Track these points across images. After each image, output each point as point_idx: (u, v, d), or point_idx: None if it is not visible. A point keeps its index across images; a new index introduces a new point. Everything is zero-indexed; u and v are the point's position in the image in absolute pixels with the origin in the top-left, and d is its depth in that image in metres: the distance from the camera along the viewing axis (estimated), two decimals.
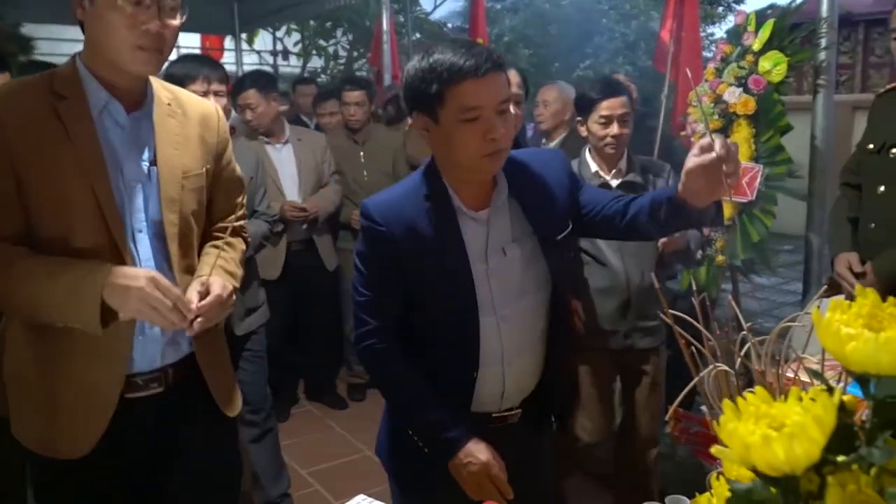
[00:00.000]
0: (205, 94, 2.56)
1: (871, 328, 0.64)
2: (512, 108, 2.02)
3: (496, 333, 1.63)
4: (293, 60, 10.13)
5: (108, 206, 1.49)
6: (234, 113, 3.65)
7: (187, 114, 1.67)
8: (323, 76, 10.51)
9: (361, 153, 4.34)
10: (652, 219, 1.56)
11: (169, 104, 1.63)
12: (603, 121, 2.58)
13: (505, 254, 1.62)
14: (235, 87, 3.61)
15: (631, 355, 2.70)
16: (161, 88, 1.65)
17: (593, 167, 2.68)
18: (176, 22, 1.50)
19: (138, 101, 1.58)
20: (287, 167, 3.87)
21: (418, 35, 10.31)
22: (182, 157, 1.62)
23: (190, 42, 8.90)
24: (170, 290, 1.44)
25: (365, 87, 4.44)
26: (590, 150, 2.70)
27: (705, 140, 1.38)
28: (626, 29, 11.62)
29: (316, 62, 10.16)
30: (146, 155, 1.58)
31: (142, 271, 1.45)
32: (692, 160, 1.40)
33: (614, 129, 2.57)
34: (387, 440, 1.80)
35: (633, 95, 2.74)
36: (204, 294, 1.54)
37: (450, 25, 13.48)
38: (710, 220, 1.53)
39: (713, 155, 1.35)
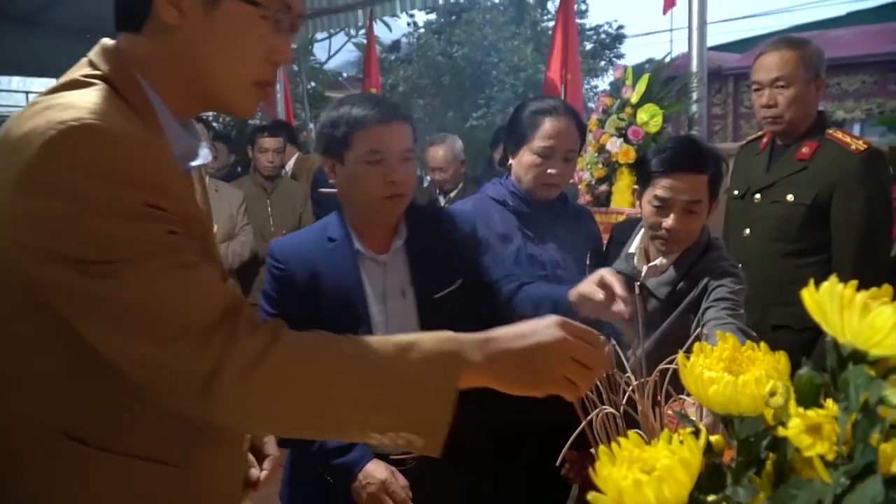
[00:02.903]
0: None
1: (731, 371, 0.67)
2: (555, 169, 1.94)
3: None
4: None
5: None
6: None
7: None
8: (216, 123, 10.34)
9: (268, 202, 4.22)
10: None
11: None
12: (658, 204, 1.78)
13: (404, 296, 1.68)
14: None
15: None
16: None
17: (634, 245, 1.93)
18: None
19: None
20: None
21: (313, 84, 10.32)
22: (207, 214, 1.13)
23: None
24: (590, 331, 0.99)
25: (283, 133, 4.28)
26: None
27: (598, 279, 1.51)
28: (515, 80, 12.04)
29: None
30: None
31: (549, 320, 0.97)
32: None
33: (669, 220, 1.77)
34: (288, 471, 1.79)
35: (725, 169, 1.86)
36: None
37: (345, 75, 13.58)
38: None
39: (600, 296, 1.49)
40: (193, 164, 1.05)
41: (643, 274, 1.89)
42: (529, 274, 1.84)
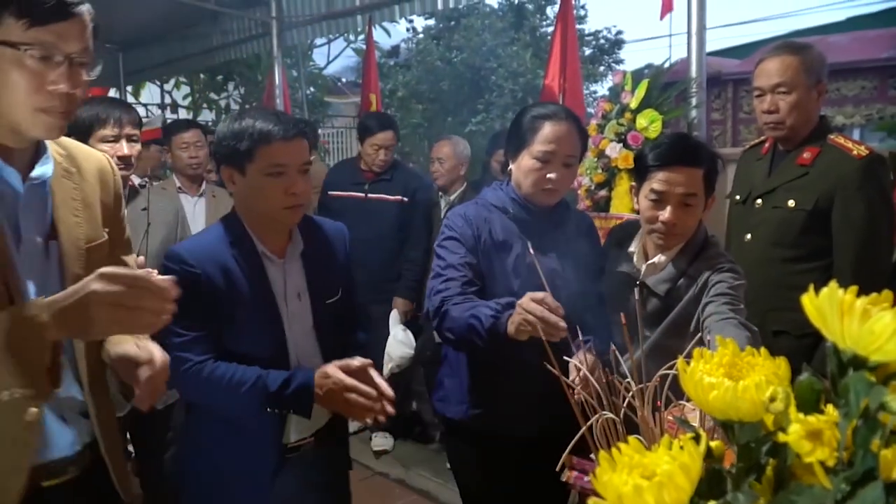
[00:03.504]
0: (116, 139, 2.40)
1: (731, 377, 0.67)
2: (554, 173, 1.92)
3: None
4: (182, 114, 9.91)
5: (14, 292, 1.22)
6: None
7: (83, 171, 1.41)
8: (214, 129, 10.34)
9: None
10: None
11: (61, 162, 1.37)
12: (655, 197, 1.81)
13: (300, 298, 1.80)
14: (171, 128, 3.58)
15: None
16: (51, 144, 1.37)
17: (634, 244, 1.98)
18: (86, 78, 1.25)
19: (31, 163, 1.30)
20: (197, 220, 3.73)
21: (312, 89, 10.32)
22: (83, 226, 1.37)
23: None
24: (132, 276, 1.10)
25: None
26: None
27: None
28: (514, 86, 12.03)
29: (206, 115, 9.98)
30: (41, 228, 1.30)
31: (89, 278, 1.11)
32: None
33: (666, 213, 1.80)
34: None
35: (721, 167, 1.90)
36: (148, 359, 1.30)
37: (344, 80, 13.59)
38: None
39: None
40: (35, 179, 1.28)
41: (642, 272, 1.91)
42: (525, 283, 1.86)
